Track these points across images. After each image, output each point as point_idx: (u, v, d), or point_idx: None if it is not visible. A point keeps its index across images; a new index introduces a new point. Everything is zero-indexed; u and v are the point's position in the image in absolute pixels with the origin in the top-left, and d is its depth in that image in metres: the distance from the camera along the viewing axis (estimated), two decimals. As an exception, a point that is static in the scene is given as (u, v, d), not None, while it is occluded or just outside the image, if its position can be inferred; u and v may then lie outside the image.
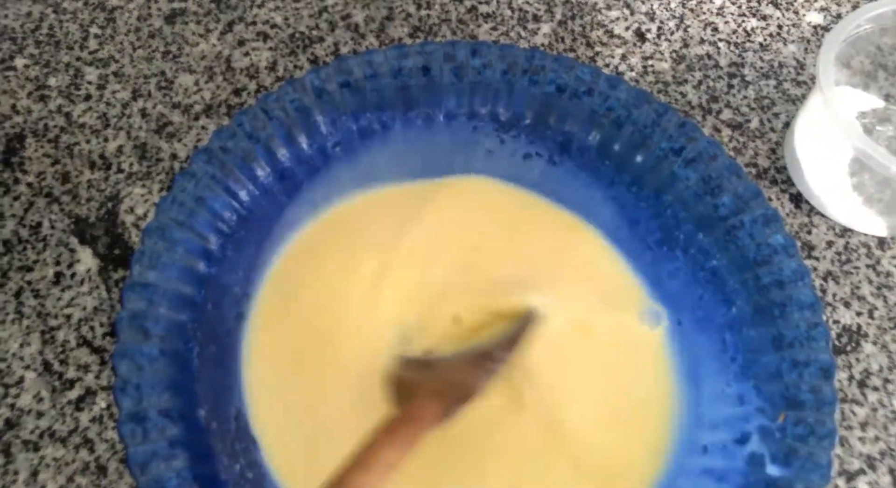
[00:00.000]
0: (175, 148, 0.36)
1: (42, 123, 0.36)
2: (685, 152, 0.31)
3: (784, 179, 0.36)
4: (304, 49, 0.39)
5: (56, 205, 0.34)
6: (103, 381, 0.31)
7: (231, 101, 0.37)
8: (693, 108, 0.38)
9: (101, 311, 0.32)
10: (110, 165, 0.35)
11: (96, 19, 0.39)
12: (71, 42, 0.39)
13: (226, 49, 0.39)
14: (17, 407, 0.30)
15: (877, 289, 0.34)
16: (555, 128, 0.32)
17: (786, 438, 0.26)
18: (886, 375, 0.32)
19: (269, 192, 0.31)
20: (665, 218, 0.31)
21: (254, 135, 0.30)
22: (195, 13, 0.40)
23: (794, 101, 0.38)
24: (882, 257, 0.34)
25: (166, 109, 0.37)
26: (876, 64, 0.37)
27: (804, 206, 0.36)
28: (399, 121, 0.33)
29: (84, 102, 0.37)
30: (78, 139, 0.36)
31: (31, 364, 0.31)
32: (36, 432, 0.30)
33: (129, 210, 0.34)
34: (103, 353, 0.31)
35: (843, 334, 0.33)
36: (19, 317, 0.32)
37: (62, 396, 0.30)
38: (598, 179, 0.33)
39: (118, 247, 0.33)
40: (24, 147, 0.36)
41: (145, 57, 0.38)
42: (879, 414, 0.31)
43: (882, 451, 0.30)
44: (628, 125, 0.31)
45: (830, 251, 0.35)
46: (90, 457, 0.29)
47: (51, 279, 0.33)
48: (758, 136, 0.37)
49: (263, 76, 0.38)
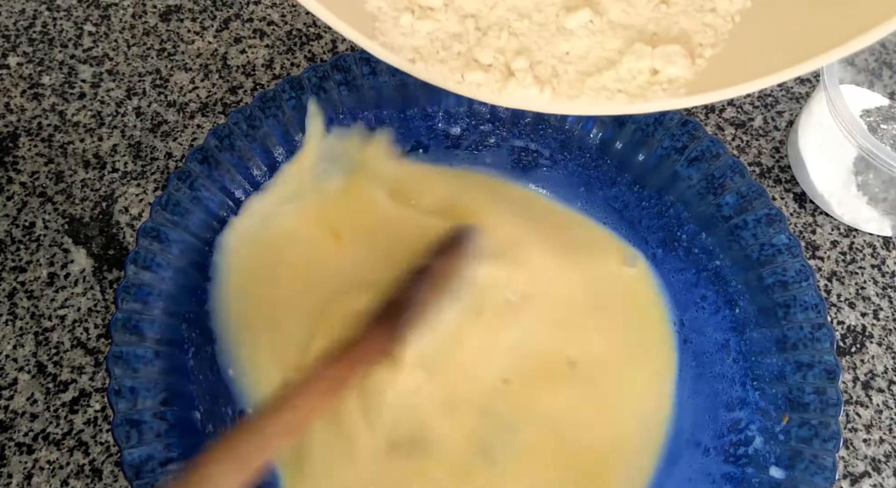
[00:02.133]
0: (170, 147, 0.35)
1: (36, 122, 0.36)
2: (688, 151, 0.30)
3: (788, 178, 0.36)
4: (301, 46, 0.39)
5: (50, 205, 0.34)
6: (98, 383, 0.30)
7: (227, 100, 0.37)
8: (696, 106, 0.38)
9: (95, 312, 0.32)
10: (105, 165, 0.35)
11: (90, 16, 0.39)
12: (65, 40, 0.38)
13: (222, 47, 0.38)
14: (11, 409, 0.30)
15: (882, 289, 0.33)
16: (556, 127, 0.32)
17: (790, 440, 0.26)
18: (891, 377, 0.31)
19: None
20: (667, 217, 0.31)
21: (250, 134, 0.30)
22: (190, 10, 0.39)
23: (798, 99, 0.38)
24: (887, 257, 0.34)
25: (161, 108, 0.36)
26: (881, 61, 0.36)
27: (808, 206, 0.35)
28: (397, 118, 0.32)
29: (78, 101, 0.37)
30: (72, 138, 0.35)
31: (24, 365, 0.30)
32: (30, 434, 0.29)
33: (123, 210, 0.34)
34: (98, 355, 0.31)
35: (848, 335, 0.32)
36: (13, 318, 0.31)
37: (56, 398, 0.30)
38: (600, 178, 0.32)
39: (113, 247, 0.33)
40: (17, 146, 0.35)
41: (140, 55, 0.38)
42: (884, 416, 0.31)
43: (887, 453, 0.30)
44: (630, 123, 0.31)
45: (835, 251, 0.34)
46: (84, 460, 0.29)
47: (44, 280, 0.32)
48: (761, 135, 0.37)
49: (260, 74, 0.38)
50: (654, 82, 0.21)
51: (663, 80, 0.21)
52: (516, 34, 0.22)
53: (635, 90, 0.21)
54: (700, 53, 0.21)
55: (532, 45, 0.22)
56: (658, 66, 0.21)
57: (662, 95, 0.21)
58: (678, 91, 0.21)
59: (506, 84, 0.22)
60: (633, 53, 0.21)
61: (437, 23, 0.22)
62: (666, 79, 0.21)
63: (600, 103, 0.21)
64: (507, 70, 0.22)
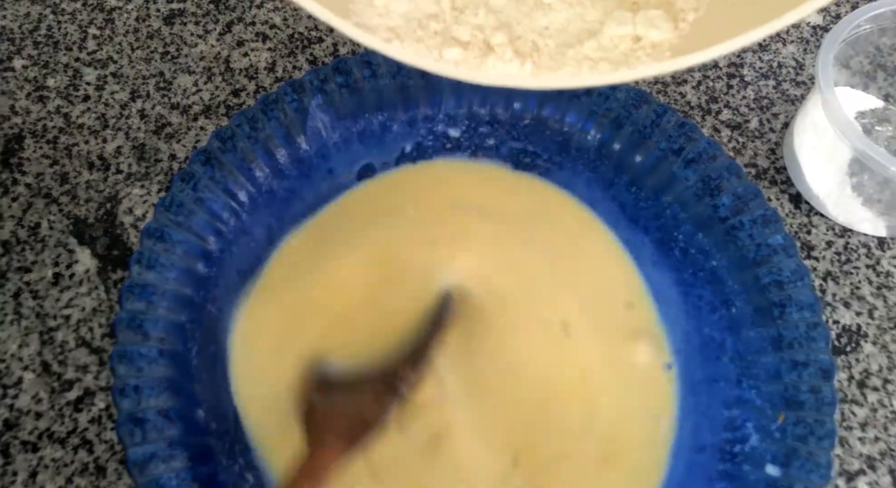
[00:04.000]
0: (174, 149, 0.36)
1: (41, 124, 0.36)
2: (685, 152, 0.31)
3: (783, 180, 0.36)
4: (304, 50, 0.39)
5: (55, 206, 0.34)
6: (102, 382, 0.31)
7: (230, 102, 0.37)
8: (692, 109, 0.38)
9: (99, 312, 0.32)
10: (109, 166, 0.35)
11: (95, 20, 0.39)
12: (69, 43, 0.39)
13: (225, 50, 0.39)
14: (16, 407, 0.30)
15: (876, 289, 0.34)
16: (554, 129, 0.32)
17: (785, 438, 0.26)
18: (886, 375, 0.32)
19: (268, 193, 0.31)
20: (664, 218, 0.31)
21: (252, 136, 0.30)
22: (194, 14, 0.40)
23: (794, 101, 0.38)
24: (882, 257, 0.34)
25: (165, 110, 0.37)
26: (875, 64, 0.37)
27: (804, 207, 0.36)
28: (398, 121, 0.33)
29: (83, 103, 0.37)
30: (76, 140, 0.36)
31: (29, 365, 0.31)
32: (35, 433, 0.30)
33: (127, 211, 0.34)
34: (102, 354, 0.31)
35: (843, 334, 0.33)
36: (18, 317, 0.32)
37: (61, 397, 0.30)
38: (597, 180, 0.33)
39: (117, 247, 0.33)
40: (22, 148, 0.36)
41: (144, 58, 0.38)
42: (879, 415, 0.31)
43: (882, 452, 0.30)
44: (628, 125, 0.31)
45: (830, 251, 0.35)
46: (89, 458, 0.29)
47: (49, 280, 0.33)
48: (757, 137, 0.37)
49: (262, 77, 0.38)
50: (638, 48, 0.21)
51: (646, 45, 0.20)
52: (494, 11, 0.21)
53: (618, 57, 0.20)
54: (683, 17, 0.21)
55: (511, 20, 0.21)
56: (640, 31, 0.20)
57: (647, 60, 0.20)
58: (663, 55, 0.20)
59: (485, 60, 0.21)
60: (615, 20, 0.20)
61: (413, 2, 0.21)
62: (649, 44, 0.20)
63: (583, 74, 0.20)
64: (486, 46, 0.21)
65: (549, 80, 0.21)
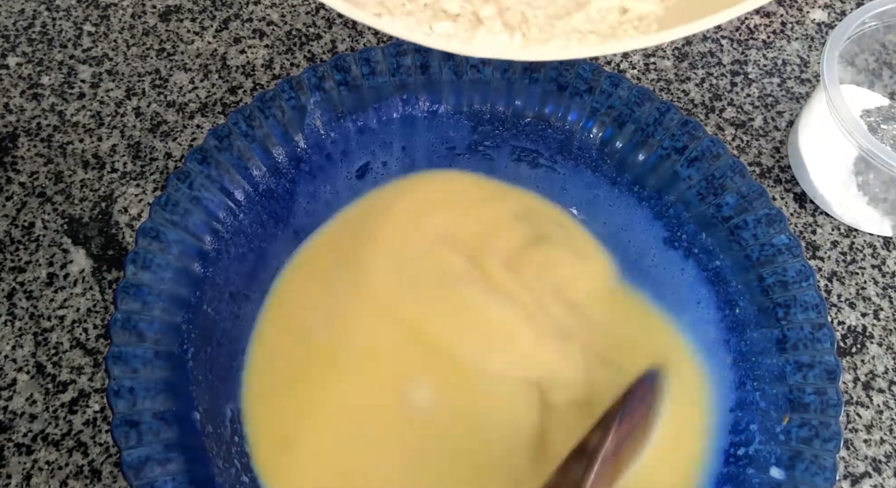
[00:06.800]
0: (170, 147, 0.35)
1: (35, 122, 0.36)
2: (688, 151, 0.30)
3: (788, 178, 0.36)
4: (301, 47, 0.39)
5: (49, 205, 0.34)
6: (97, 384, 0.30)
7: (226, 100, 0.37)
8: (696, 107, 0.38)
9: (94, 313, 0.32)
10: (104, 165, 0.35)
11: (90, 17, 0.39)
12: (64, 40, 0.38)
13: (221, 47, 0.38)
14: (10, 410, 0.30)
15: (882, 289, 0.33)
16: (556, 127, 0.32)
17: (790, 441, 0.26)
18: (892, 377, 0.31)
19: (265, 192, 0.31)
20: (667, 218, 0.31)
21: (249, 134, 0.30)
22: (190, 10, 0.39)
23: (798, 99, 0.38)
24: (888, 257, 0.34)
25: (161, 108, 0.36)
26: (881, 61, 0.36)
27: (808, 206, 0.35)
28: (397, 120, 0.32)
29: (77, 101, 0.36)
30: (71, 138, 0.35)
31: (23, 366, 0.30)
32: (29, 435, 0.29)
33: (122, 210, 0.34)
34: (97, 355, 0.31)
35: (849, 335, 0.32)
36: (11, 318, 0.31)
37: (55, 399, 0.30)
38: (599, 179, 0.32)
39: (112, 247, 0.33)
40: (16, 146, 0.35)
41: (139, 55, 0.38)
42: (885, 417, 0.31)
43: (888, 454, 0.30)
44: (630, 124, 0.31)
45: (835, 251, 0.34)
46: (84, 461, 0.29)
47: (44, 280, 0.32)
48: (761, 135, 0.37)
49: (259, 74, 0.38)
50: (625, 21, 0.21)
51: (633, 17, 0.21)
52: None
53: (606, 30, 0.21)
54: None
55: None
56: (627, 3, 0.21)
57: (634, 33, 0.21)
58: (650, 27, 0.21)
59: (475, 33, 0.21)
60: None
61: None
62: (636, 16, 0.21)
63: (572, 46, 0.21)
64: (476, 18, 0.21)
65: (539, 53, 0.21)
